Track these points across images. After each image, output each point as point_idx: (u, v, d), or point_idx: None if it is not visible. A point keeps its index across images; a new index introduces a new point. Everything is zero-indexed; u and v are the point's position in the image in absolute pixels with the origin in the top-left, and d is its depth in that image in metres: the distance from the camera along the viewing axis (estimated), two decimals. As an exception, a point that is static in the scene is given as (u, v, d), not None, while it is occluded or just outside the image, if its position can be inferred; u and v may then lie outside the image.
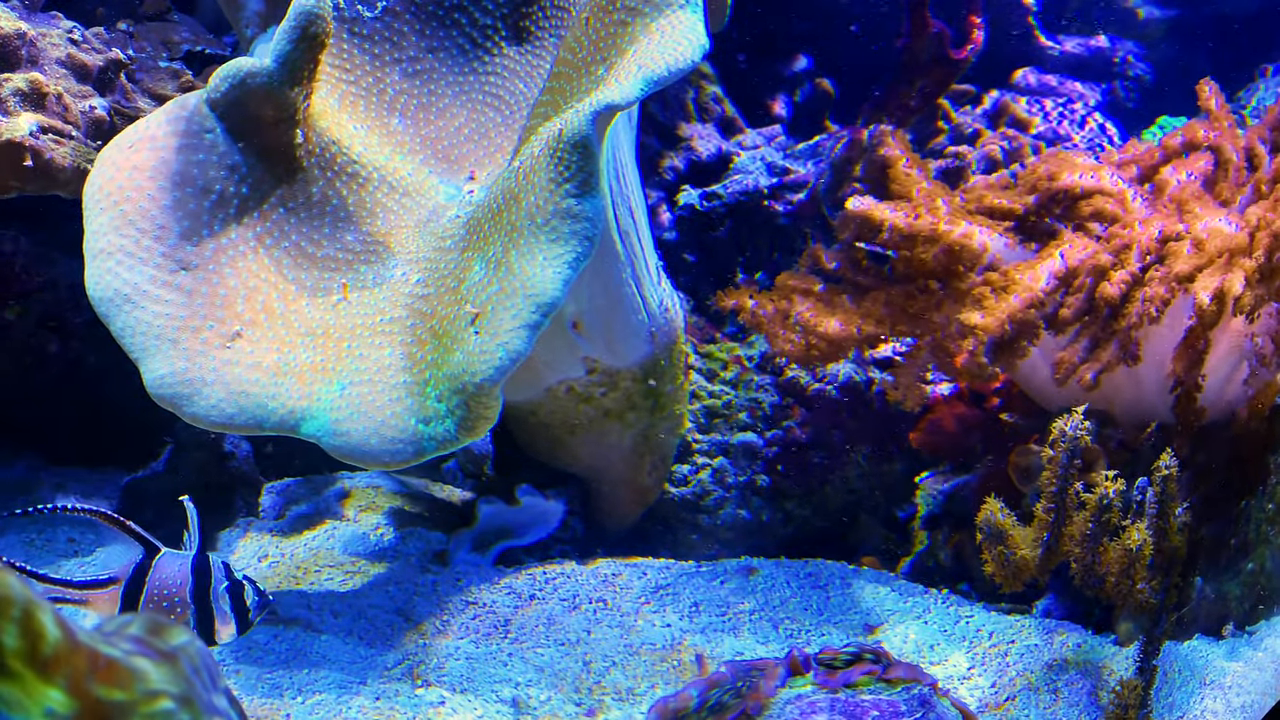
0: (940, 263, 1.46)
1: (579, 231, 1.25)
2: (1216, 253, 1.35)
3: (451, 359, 1.27)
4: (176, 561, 1.18)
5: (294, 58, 1.37)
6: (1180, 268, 1.34)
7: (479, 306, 1.27)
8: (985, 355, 1.38)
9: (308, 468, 1.84)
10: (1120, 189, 1.48)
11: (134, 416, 1.69)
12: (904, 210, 1.47)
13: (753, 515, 1.70)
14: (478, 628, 1.39)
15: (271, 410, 1.29)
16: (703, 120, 2.08)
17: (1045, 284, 1.38)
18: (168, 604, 1.17)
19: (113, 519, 1.19)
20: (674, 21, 1.29)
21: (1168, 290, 1.34)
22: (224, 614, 1.18)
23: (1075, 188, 1.47)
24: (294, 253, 1.41)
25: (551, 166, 1.25)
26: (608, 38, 1.34)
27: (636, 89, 1.24)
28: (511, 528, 1.60)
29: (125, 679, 0.60)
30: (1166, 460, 1.27)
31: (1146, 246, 1.37)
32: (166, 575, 1.17)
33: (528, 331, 1.24)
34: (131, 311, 1.31)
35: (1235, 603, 1.39)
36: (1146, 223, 1.41)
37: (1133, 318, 1.34)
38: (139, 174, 1.35)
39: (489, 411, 1.26)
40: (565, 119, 1.27)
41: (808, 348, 1.53)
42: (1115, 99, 2.34)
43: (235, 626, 1.18)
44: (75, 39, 1.52)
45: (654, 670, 1.33)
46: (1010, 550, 1.30)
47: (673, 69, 1.25)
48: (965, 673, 1.36)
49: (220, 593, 1.18)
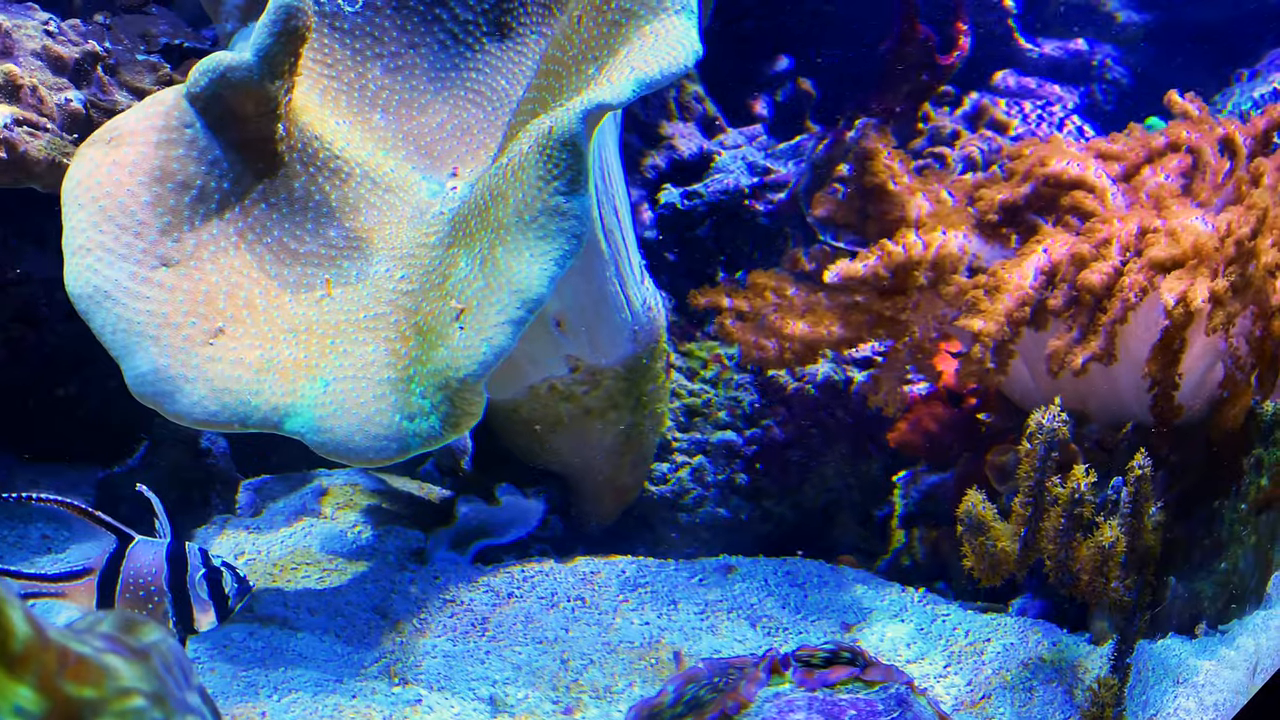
0: (929, 278, 1.47)
1: (566, 229, 1.25)
2: (1192, 249, 1.36)
3: (436, 355, 1.27)
4: (151, 550, 1.17)
5: (274, 51, 1.36)
6: (1156, 254, 1.35)
7: (464, 302, 1.27)
8: (991, 360, 1.38)
9: (284, 464, 1.83)
10: (1103, 184, 1.50)
11: (109, 412, 1.68)
12: (875, 254, 1.47)
13: (731, 513, 1.70)
14: (455, 626, 1.39)
15: (255, 407, 1.28)
16: (684, 119, 2.08)
17: (1034, 280, 1.39)
18: (144, 593, 1.15)
19: (81, 510, 1.18)
20: (668, 25, 1.29)
21: (1146, 277, 1.35)
22: (202, 602, 1.16)
23: (1063, 175, 1.48)
24: (276, 249, 1.40)
25: (541, 164, 1.25)
26: (600, 37, 1.34)
27: (629, 90, 1.24)
28: (491, 526, 1.59)
29: (96, 676, 0.60)
30: (1141, 460, 1.28)
31: (1126, 242, 1.38)
32: (141, 564, 1.16)
33: (512, 327, 1.24)
34: (112, 308, 1.30)
35: (1208, 601, 1.40)
36: (1125, 218, 1.42)
37: (1116, 307, 1.34)
38: (118, 169, 1.34)
39: (473, 407, 1.26)
40: (556, 117, 1.27)
41: (780, 354, 1.54)
42: (1093, 102, 2.36)
43: (215, 614, 1.16)
44: (51, 31, 1.51)
45: (632, 668, 1.34)
46: (991, 541, 1.30)
47: (665, 73, 1.25)
48: (941, 671, 1.37)
49: (198, 580, 1.16)
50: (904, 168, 1.57)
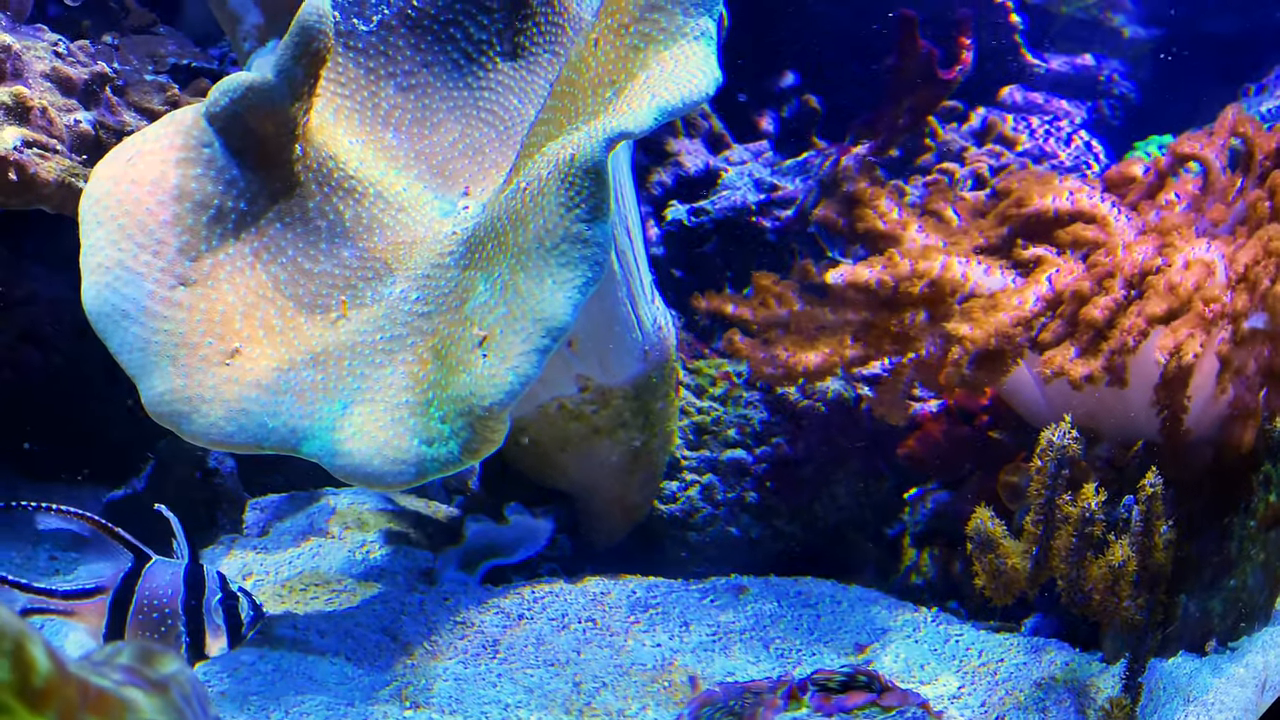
0: (925, 295, 1.47)
1: (589, 257, 1.24)
2: (1194, 290, 1.36)
3: (458, 380, 1.26)
4: (168, 571, 1.15)
5: (295, 72, 1.36)
6: (1152, 309, 1.36)
7: (486, 329, 1.26)
8: (968, 366, 1.38)
9: (291, 483, 1.82)
10: (1103, 211, 1.49)
11: (116, 432, 1.67)
12: (880, 263, 1.48)
13: (742, 532, 1.69)
14: (466, 648, 1.38)
15: (272, 429, 1.27)
16: (690, 135, 2.08)
17: (1033, 305, 1.39)
18: (157, 615, 1.14)
19: (100, 524, 1.17)
20: (687, 52, 1.29)
21: (1146, 322, 1.35)
22: (216, 627, 1.14)
23: (1047, 211, 1.49)
24: (291, 269, 1.40)
25: (562, 190, 1.25)
26: (618, 60, 1.34)
27: (650, 118, 1.23)
28: (500, 546, 1.59)
29: (117, 710, 0.59)
30: (1152, 479, 1.27)
31: (1129, 276, 1.38)
32: (157, 585, 1.14)
33: (538, 355, 1.23)
34: (130, 327, 1.30)
35: (1218, 619, 1.39)
36: (1130, 248, 1.42)
37: (1116, 342, 1.35)
38: (137, 188, 1.34)
39: (495, 435, 1.25)
40: (577, 143, 1.26)
41: (789, 376, 1.54)
42: (1101, 117, 2.36)
43: (226, 640, 1.15)
44: (60, 52, 1.51)
45: (645, 691, 1.33)
46: (1001, 559, 1.30)
47: (687, 101, 1.25)
48: (955, 692, 1.36)
49: (213, 605, 1.14)
50: (893, 203, 1.57)
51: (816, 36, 2.23)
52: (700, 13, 1.30)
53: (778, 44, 2.22)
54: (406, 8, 1.60)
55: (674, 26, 1.30)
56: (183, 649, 1.15)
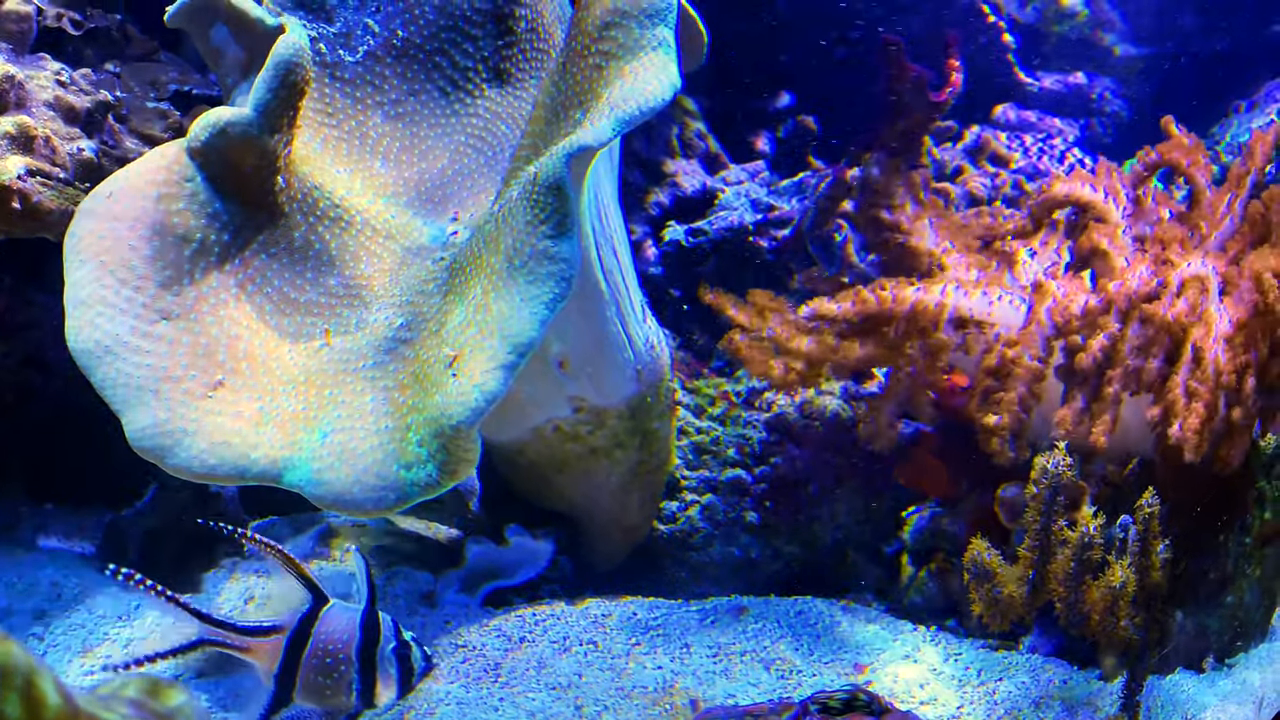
0: (902, 330, 1.50)
1: (555, 273, 1.25)
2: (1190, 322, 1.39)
3: (431, 402, 1.27)
4: (345, 615, 1.14)
5: (273, 106, 1.38)
6: (1147, 378, 1.40)
7: (457, 349, 1.27)
8: (1010, 450, 1.43)
9: (292, 504, 1.83)
10: (1115, 219, 1.54)
11: (117, 455, 1.67)
12: (849, 299, 1.51)
13: (742, 552, 1.70)
14: (468, 671, 1.39)
15: (253, 460, 1.28)
16: (687, 156, 2.09)
17: (1042, 351, 1.42)
18: (330, 660, 1.12)
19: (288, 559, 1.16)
20: (646, 63, 1.31)
21: (1142, 361, 1.39)
22: (387, 675, 1.13)
23: (1075, 196, 1.54)
24: (276, 299, 1.41)
25: (528, 209, 1.27)
26: (584, 82, 1.36)
27: (608, 130, 1.25)
28: (500, 568, 1.59)
29: (126, 746, 0.60)
30: (1149, 499, 1.28)
31: (1124, 308, 1.41)
32: (334, 629, 1.13)
33: (504, 372, 1.24)
34: (113, 363, 1.31)
35: (1214, 636, 1.40)
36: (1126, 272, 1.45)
37: (1114, 389, 1.39)
38: (119, 224, 1.35)
39: (468, 454, 1.25)
40: (540, 163, 1.28)
41: (785, 370, 1.56)
42: (1093, 134, 2.38)
43: (396, 690, 1.14)
44: (63, 81, 1.53)
45: (646, 714, 1.33)
46: (998, 588, 1.31)
47: (644, 108, 1.27)
48: (954, 711, 1.37)
49: (387, 654, 1.13)
50: (909, 193, 1.62)
51: (812, 56, 2.25)
52: (655, 23, 1.32)
53: (773, 65, 2.23)
54: (392, 38, 1.62)
55: (631, 41, 1.32)
56: (353, 695, 1.14)
